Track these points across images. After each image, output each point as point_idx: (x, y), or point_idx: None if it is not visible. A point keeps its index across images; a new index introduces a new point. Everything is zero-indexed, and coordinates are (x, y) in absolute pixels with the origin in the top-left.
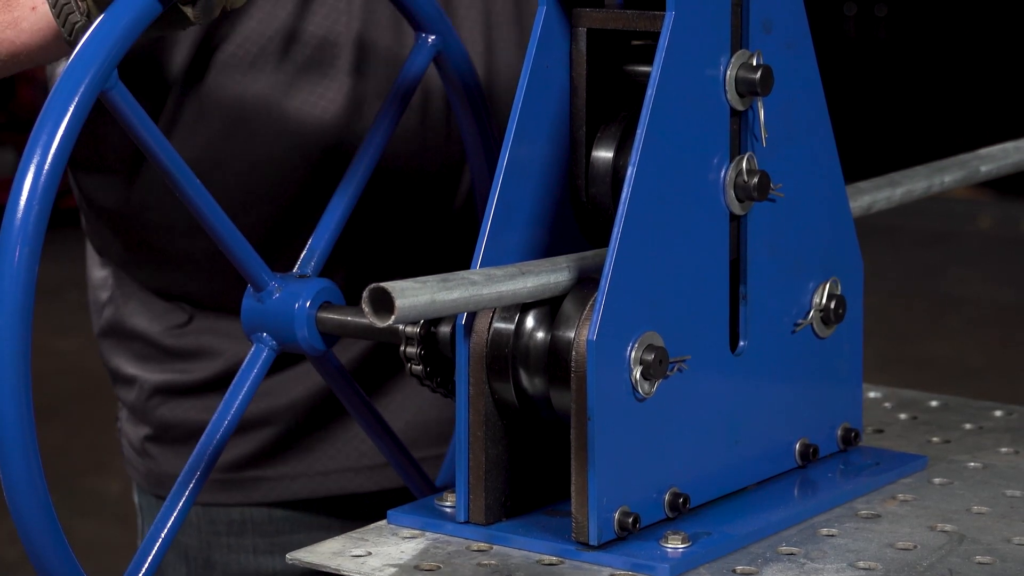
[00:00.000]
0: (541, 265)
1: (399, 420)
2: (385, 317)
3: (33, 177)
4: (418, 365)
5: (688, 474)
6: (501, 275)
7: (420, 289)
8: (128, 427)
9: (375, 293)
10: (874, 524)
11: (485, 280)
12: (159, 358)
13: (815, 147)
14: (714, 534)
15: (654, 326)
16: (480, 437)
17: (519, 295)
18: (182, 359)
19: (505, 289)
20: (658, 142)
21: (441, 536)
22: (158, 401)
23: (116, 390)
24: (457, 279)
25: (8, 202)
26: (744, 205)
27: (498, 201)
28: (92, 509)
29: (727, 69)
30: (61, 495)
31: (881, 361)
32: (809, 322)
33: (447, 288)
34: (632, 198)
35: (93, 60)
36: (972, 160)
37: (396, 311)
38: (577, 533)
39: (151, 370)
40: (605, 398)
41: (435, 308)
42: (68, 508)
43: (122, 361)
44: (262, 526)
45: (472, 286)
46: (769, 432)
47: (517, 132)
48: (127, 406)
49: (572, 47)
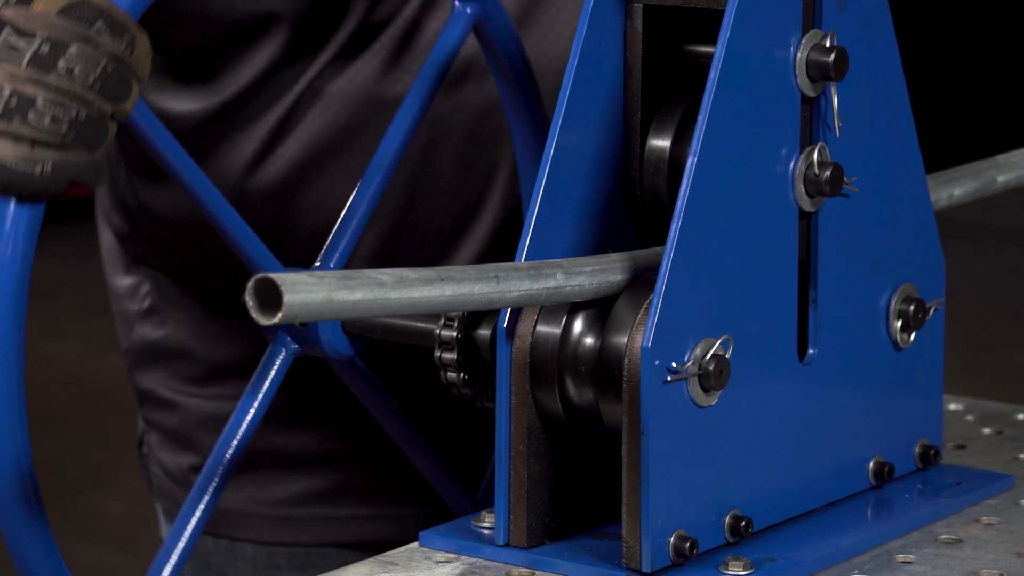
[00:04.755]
0: (466, 272)
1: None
2: (270, 314)
3: None
4: (454, 372)
5: (751, 495)
6: (415, 278)
7: (316, 285)
8: (163, 454)
9: (262, 285)
10: (955, 550)
11: (395, 283)
12: (211, 380)
13: (893, 137)
14: (779, 560)
15: (715, 332)
16: (522, 451)
17: (435, 303)
18: (244, 381)
19: (418, 295)
20: (721, 130)
21: (478, 560)
22: (213, 428)
23: (145, 412)
24: (362, 278)
25: None
26: (815, 201)
27: (544, 193)
28: (92, 530)
29: (797, 51)
30: (57, 515)
31: (963, 371)
32: (890, 330)
33: (348, 287)
34: (692, 191)
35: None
36: (989, 169)
37: (284, 308)
38: (628, 559)
39: (201, 393)
40: (660, 411)
41: (331, 309)
42: (65, 529)
43: (158, 383)
44: (328, 560)
45: (379, 287)
46: (840, 449)
47: (566, 118)
48: (162, 431)
49: (627, 24)
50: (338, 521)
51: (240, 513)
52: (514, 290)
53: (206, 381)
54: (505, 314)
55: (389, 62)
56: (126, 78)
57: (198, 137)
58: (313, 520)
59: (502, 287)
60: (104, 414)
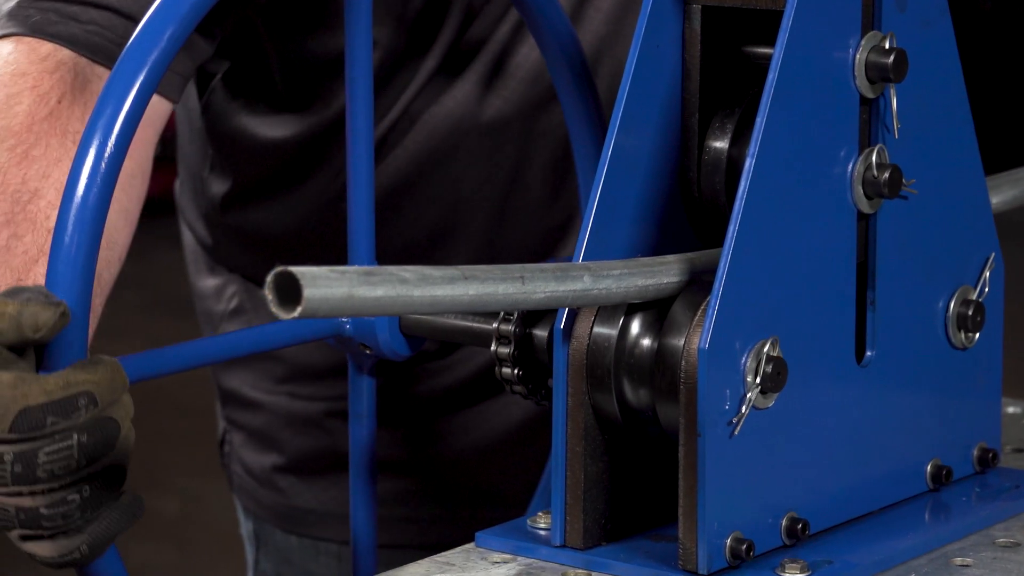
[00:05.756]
0: (491, 271)
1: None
2: (290, 309)
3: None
4: (510, 368)
5: (808, 497)
6: (438, 277)
7: (336, 280)
8: (246, 453)
9: (282, 279)
10: (1013, 553)
11: (418, 280)
12: (300, 380)
13: (952, 138)
14: (836, 563)
15: (772, 333)
16: (579, 453)
17: (458, 302)
18: (332, 382)
19: (441, 294)
20: (780, 132)
21: (535, 561)
22: (299, 428)
23: (228, 412)
24: (384, 274)
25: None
26: (873, 202)
27: (602, 194)
28: (146, 530)
29: (856, 52)
30: None
31: (1021, 374)
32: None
33: (370, 284)
34: (750, 193)
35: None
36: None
37: (303, 303)
38: (684, 561)
39: (289, 393)
40: (717, 412)
41: (352, 305)
42: None
43: (243, 382)
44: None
45: (401, 285)
46: (897, 452)
47: (624, 119)
48: (246, 431)
49: (686, 26)
50: (419, 523)
51: (324, 513)
52: (539, 291)
53: (291, 382)
54: (562, 315)
55: (483, 86)
56: (104, 428)
57: (294, 162)
58: (394, 521)
59: (527, 288)
60: (160, 414)
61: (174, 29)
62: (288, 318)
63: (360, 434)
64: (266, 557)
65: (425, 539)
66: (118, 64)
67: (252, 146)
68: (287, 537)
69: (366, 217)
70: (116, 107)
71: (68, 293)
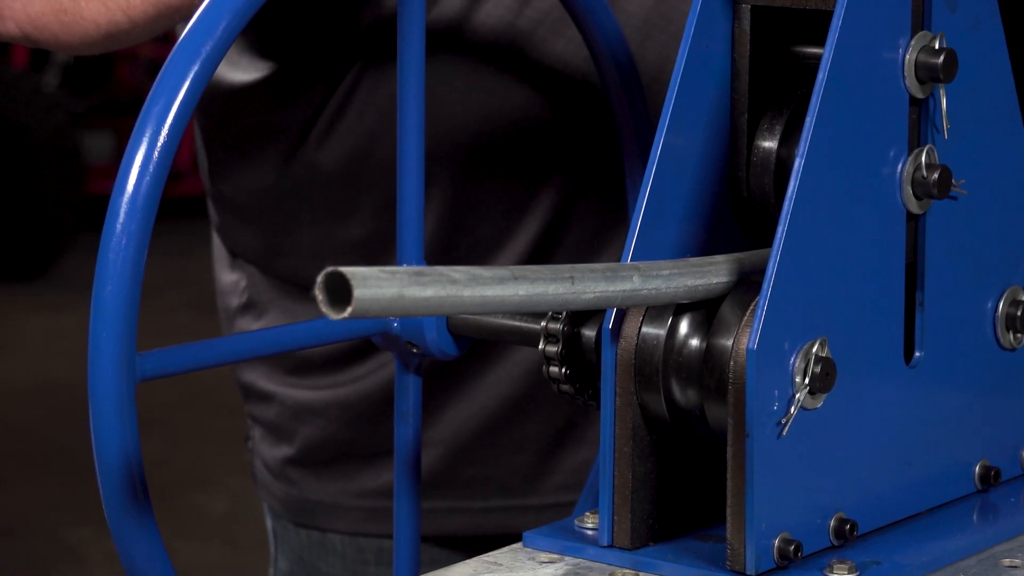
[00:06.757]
0: (540, 272)
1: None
2: (340, 309)
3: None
4: (557, 367)
5: (856, 498)
6: (488, 277)
7: (387, 280)
8: (264, 447)
9: (332, 279)
10: None
11: (468, 281)
12: (305, 371)
13: (1002, 139)
14: (884, 564)
15: (821, 334)
16: (627, 453)
17: (508, 302)
18: (333, 371)
19: (491, 294)
20: (829, 132)
21: (582, 561)
22: (306, 419)
23: (249, 407)
24: (434, 275)
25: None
26: (922, 203)
27: (650, 194)
28: (194, 528)
29: (906, 52)
30: (160, 512)
31: None
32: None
33: (420, 284)
34: (799, 193)
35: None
36: None
37: (354, 303)
38: (732, 561)
39: (296, 384)
40: (766, 413)
41: (402, 305)
42: (168, 526)
43: (259, 375)
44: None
45: (451, 285)
46: (946, 453)
47: (672, 119)
48: (263, 424)
49: (735, 26)
50: (424, 514)
51: (331, 504)
52: (589, 291)
53: (300, 372)
54: (611, 315)
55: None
56: None
57: (265, 111)
58: (390, 512)
59: (577, 288)
60: (206, 413)
61: (229, 20)
62: (338, 318)
63: (406, 433)
64: (283, 555)
65: (425, 531)
66: (171, 56)
67: (222, 94)
68: (298, 533)
69: (415, 218)
70: (169, 99)
71: (118, 284)
